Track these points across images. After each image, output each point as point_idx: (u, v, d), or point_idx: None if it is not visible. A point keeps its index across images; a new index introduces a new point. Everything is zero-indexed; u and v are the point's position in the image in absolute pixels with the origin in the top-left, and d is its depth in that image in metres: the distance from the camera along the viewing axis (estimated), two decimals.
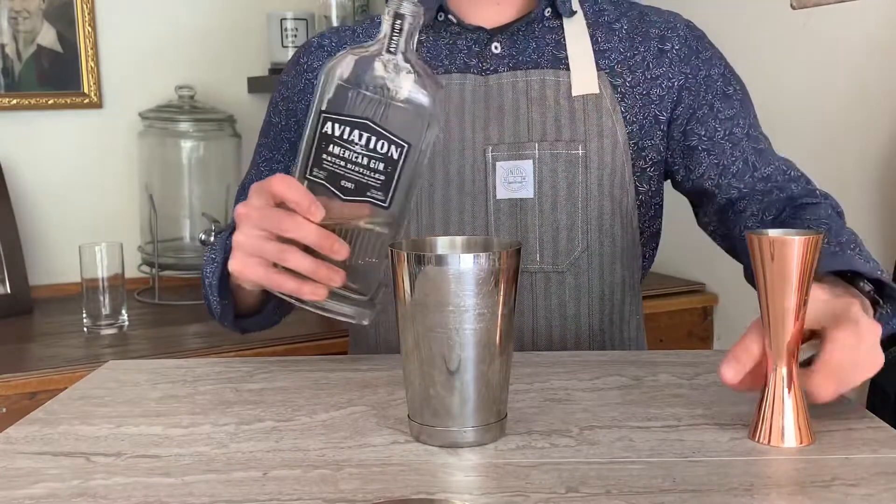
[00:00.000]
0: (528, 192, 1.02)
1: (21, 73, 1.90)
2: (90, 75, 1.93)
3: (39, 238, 1.93)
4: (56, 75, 1.92)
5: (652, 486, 0.63)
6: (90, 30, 1.93)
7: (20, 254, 1.80)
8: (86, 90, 1.94)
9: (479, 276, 0.68)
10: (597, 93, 1.03)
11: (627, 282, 1.07)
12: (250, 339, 1.51)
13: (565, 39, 1.05)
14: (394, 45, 0.80)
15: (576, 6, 1.06)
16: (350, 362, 0.96)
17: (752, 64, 1.33)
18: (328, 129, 0.79)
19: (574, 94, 1.03)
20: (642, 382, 0.86)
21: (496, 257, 0.69)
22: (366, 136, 0.79)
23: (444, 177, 1.03)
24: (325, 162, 0.80)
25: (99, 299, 1.61)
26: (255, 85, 2.04)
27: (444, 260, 0.69)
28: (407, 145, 0.79)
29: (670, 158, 1.08)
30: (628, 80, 1.05)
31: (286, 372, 0.92)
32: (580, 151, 1.02)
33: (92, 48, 1.93)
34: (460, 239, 0.77)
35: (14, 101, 1.89)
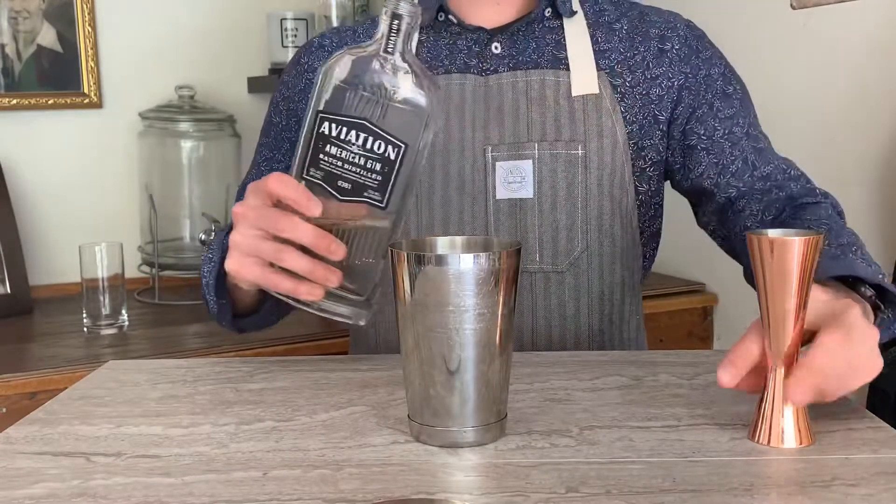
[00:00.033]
0: (527, 192, 1.02)
1: (21, 73, 1.90)
2: (90, 75, 1.93)
3: (39, 238, 1.93)
4: (56, 75, 1.92)
5: (652, 486, 0.63)
6: (90, 30, 1.93)
7: (20, 254, 1.80)
8: (86, 90, 1.94)
9: (479, 276, 0.68)
10: (596, 93, 1.03)
11: (627, 282, 1.07)
12: (250, 339, 1.52)
13: (565, 39, 1.05)
14: (391, 45, 0.80)
15: (576, 6, 1.06)
16: (350, 362, 0.96)
17: (752, 64, 1.33)
18: (325, 129, 0.79)
19: (574, 95, 1.03)
20: (642, 382, 0.85)
21: (496, 257, 0.69)
22: (363, 136, 0.79)
23: (444, 177, 1.03)
24: (321, 162, 0.79)
25: (99, 299, 1.61)
26: (255, 85, 2.04)
27: (444, 260, 0.69)
28: (404, 146, 0.79)
29: (670, 158, 1.08)
30: (628, 80, 1.05)
31: (286, 372, 0.92)
32: (580, 151, 1.02)
33: (92, 48, 1.93)
34: (460, 239, 0.77)
35: (14, 101, 1.89)
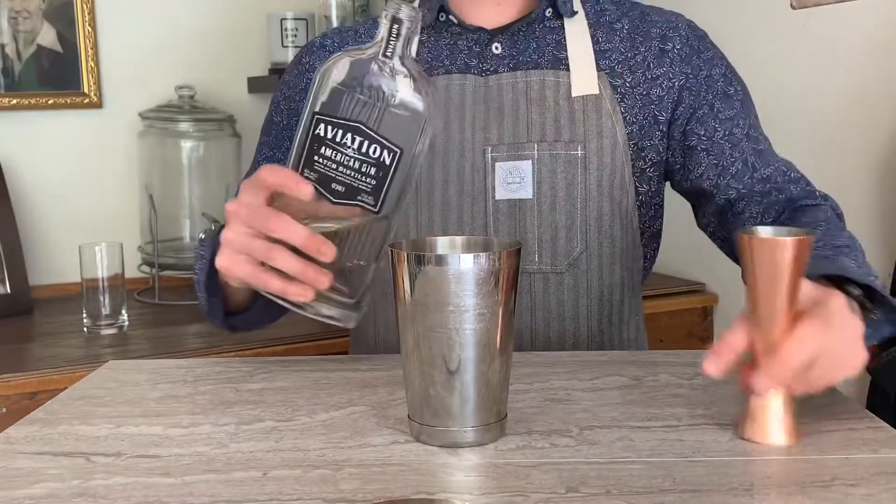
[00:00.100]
0: (527, 192, 1.02)
1: (21, 73, 1.90)
2: (90, 75, 1.93)
3: (39, 238, 1.93)
4: (56, 75, 1.92)
5: (652, 486, 0.63)
6: (90, 30, 1.93)
7: (20, 254, 1.80)
8: (86, 90, 1.94)
9: (479, 276, 0.68)
10: (596, 93, 1.03)
11: (627, 283, 1.07)
12: (250, 339, 1.52)
13: (566, 40, 1.05)
14: (390, 49, 0.79)
15: (577, 6, 1.06)
16: (350, 362, 0.96)
17: (752, 64, 1.33)
18: (321, 130, 0.79)
19: (574, 95, 1.03)
20: (642, 382, 0.86)
21: (496, 257, 0.69)
22: (358, 139, 0.78)
23: (444, 177, 1.03)
24: (316, 164, 0.79)
25: (99, 299, 1.61)
26: (255, 85, 2.04)
27: (444, 260, 0.69)
28: (399, 150, 0.79)
29: (670, 158, 1.07)
30: (628, 80, 1.05)
31: (286, 372, 0.92)
32: (579, 152, 1.02)
33: (92, 48, 1.93)
34: (460, 239, 0.77)
35: (14, 101, 1.89)
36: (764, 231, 0.70)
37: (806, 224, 0.94)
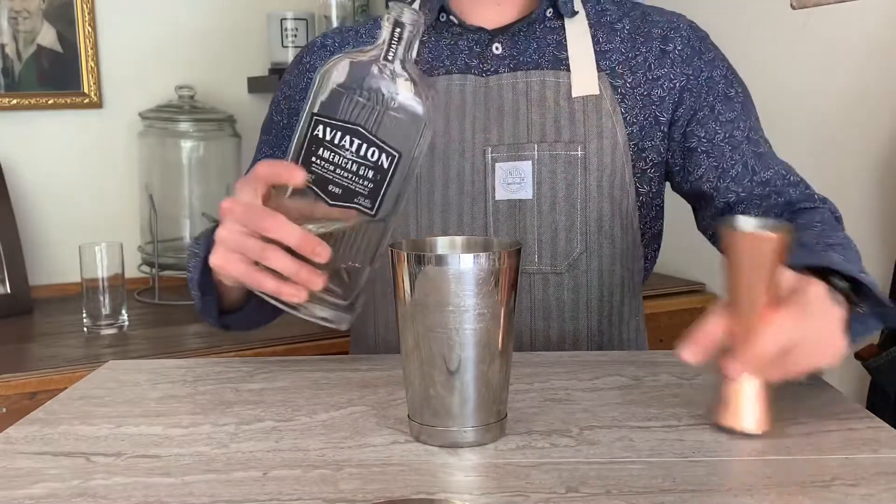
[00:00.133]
0: (527, 193, 1.02)
1: (21, 73, 1.90)
2: (90, 75, 1.93)
3: (39, 238, 1.93)
4: (56, 75, 1.92)
5: (652, 486, 0.63)
6: (90, 30, 1.93)
7: (20, 254, 1.80)
8: (86, 90, 1.94)
9: (479, 276, 0.68)
10: (597, 94, 1.03)
11: (627, 283, 1.07)
12: (250, 339, 1.52)
13: (566, 40, 1.05)
14: (392, 52, 0.79)
15: (577, 6, 1.06)
16: (350, 362, 0.96)
17: (752, 64, 1.33)
18: (319, 132, 0.78)
19: (574, 96, 1.03)
20: (642, 382, 0.86)
21: (496, 257, 0.69)
22: (357, 142, 0.78)
23: (444, 178, 1.03)
24: (313, 165, 0.78)
25: (99, 299, 1.61)
26: (255, 85, 2.04)
27: (444, 260, 0.69)
28: (398, 154, 0.78)
29: (670, 160, 1.07)
30: (629, 80, 1.05)
31: (286, 372, 0.92)
32: (579, 153, 1.02)
33: (92, 48, 1.93)
34: (460, 239, 0.77)
35: (14, 101, 1.89)
36: (745, 224, 0.70)
37: (802, 225, 0.94)
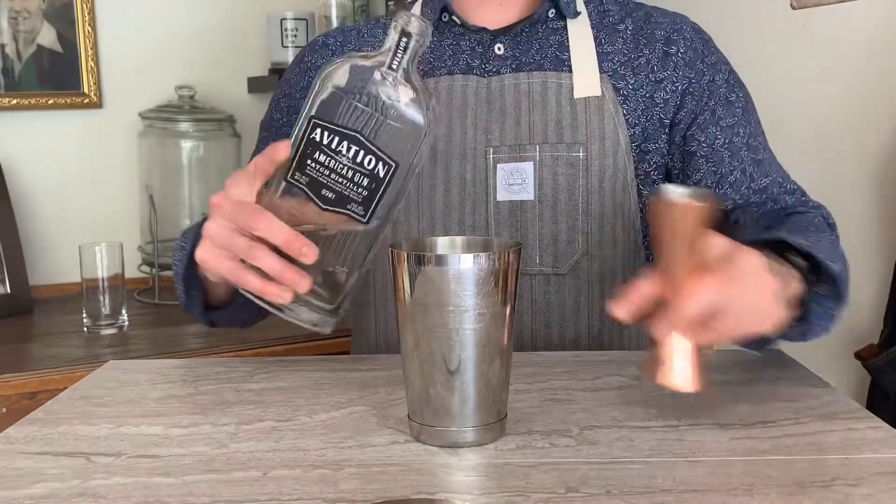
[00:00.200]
0: (528, 194, 1.02)
1: (21, 73, 1.90)
2: (90, 75, 1.94)
3: (39, 238, 1.93)
4: (56, 75, 1.92)
5: (652, 486, 0.63)
6: (90, 30, 1.93)
7: (20, 254, 1.80)
8: (86, 90, 1.94)
9: (479, 276, 0.68)
10: (598, 95, 1.03)
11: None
12: (250, 339, 1.52)
13: (569, 41, 1.05)
14: (396, 61, 0.78)
15: (580, 7, 1.06)
16: (350, 362, 0.96)
17: (752, 64, 1.33)
18: (316, 135, 0.78)
19: (576, 97, 1.03)
20: (642, 382, 0.85)
21: (496, 257, 0.69)
22: (354, 149, 0.77)
23: (445, 178, 1.03)
24: (308, 167, 0.78)
25: (99, 299, 1.61)
26: (255, 85, 2.04)
27: (444, 260, 0.69)
28: (395, 164, 0.78)
29: (670, 162, 1.07)
30: (631, 82, 1.04)
31: (286, 372, 0.92)
32: (581, 154, 1.02)
33: (92, 48, 1.93)
34: (460, 239, 0.77)
35: (14, 101, 1.89)
36: (671, 193, 0.70)
37: (791, 225, 0.93)
